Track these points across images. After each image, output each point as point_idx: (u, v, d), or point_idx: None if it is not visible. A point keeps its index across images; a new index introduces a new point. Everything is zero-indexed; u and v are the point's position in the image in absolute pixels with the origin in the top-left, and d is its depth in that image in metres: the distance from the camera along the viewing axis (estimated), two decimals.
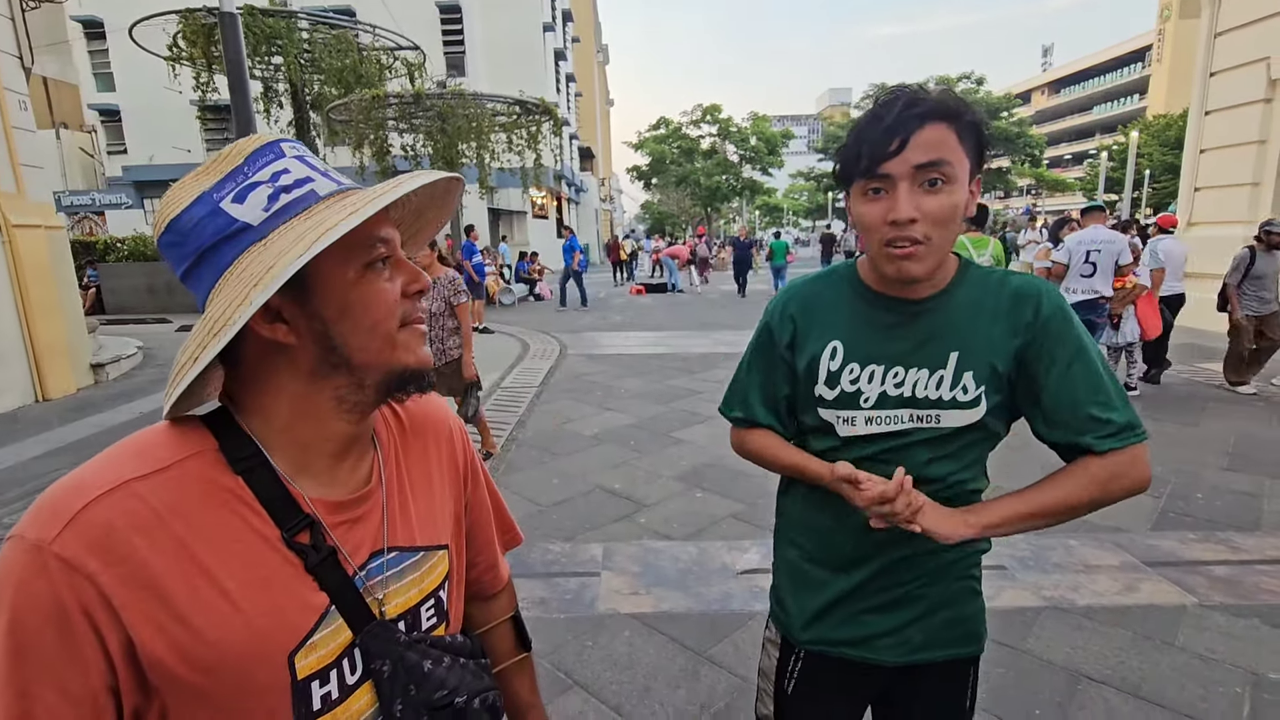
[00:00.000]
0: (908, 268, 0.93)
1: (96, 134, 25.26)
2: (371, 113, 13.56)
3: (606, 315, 13.12)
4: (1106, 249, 5.39)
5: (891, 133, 0.89)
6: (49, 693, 0.53)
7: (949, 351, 0.99)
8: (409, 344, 0.66)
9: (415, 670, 0.67)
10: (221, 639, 0.57)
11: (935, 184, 0.90)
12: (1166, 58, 45.63)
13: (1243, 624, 2.53)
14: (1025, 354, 0.98)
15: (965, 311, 1.00)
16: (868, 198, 0.94)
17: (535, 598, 2.82)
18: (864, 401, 1.02)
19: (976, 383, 0.99)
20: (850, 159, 0.94)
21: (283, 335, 0.61)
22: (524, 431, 5.29)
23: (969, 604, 1.09)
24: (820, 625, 1.11)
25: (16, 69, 6.93)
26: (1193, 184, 9.60)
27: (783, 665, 1.17)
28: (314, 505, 0.64)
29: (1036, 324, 0.98)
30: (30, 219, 6.60)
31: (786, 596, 1.16)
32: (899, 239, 0.91)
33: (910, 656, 1.08)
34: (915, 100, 0.90)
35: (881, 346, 1.02)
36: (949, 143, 0.90)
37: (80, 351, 7.20)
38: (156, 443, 0.61)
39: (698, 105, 41.77)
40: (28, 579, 0.53)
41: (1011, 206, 52.85)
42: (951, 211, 0.91)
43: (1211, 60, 9.27)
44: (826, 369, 1.04)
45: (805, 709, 1.15)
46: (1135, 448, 0.96)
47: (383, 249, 0.64)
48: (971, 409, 0.99)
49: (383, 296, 0.63)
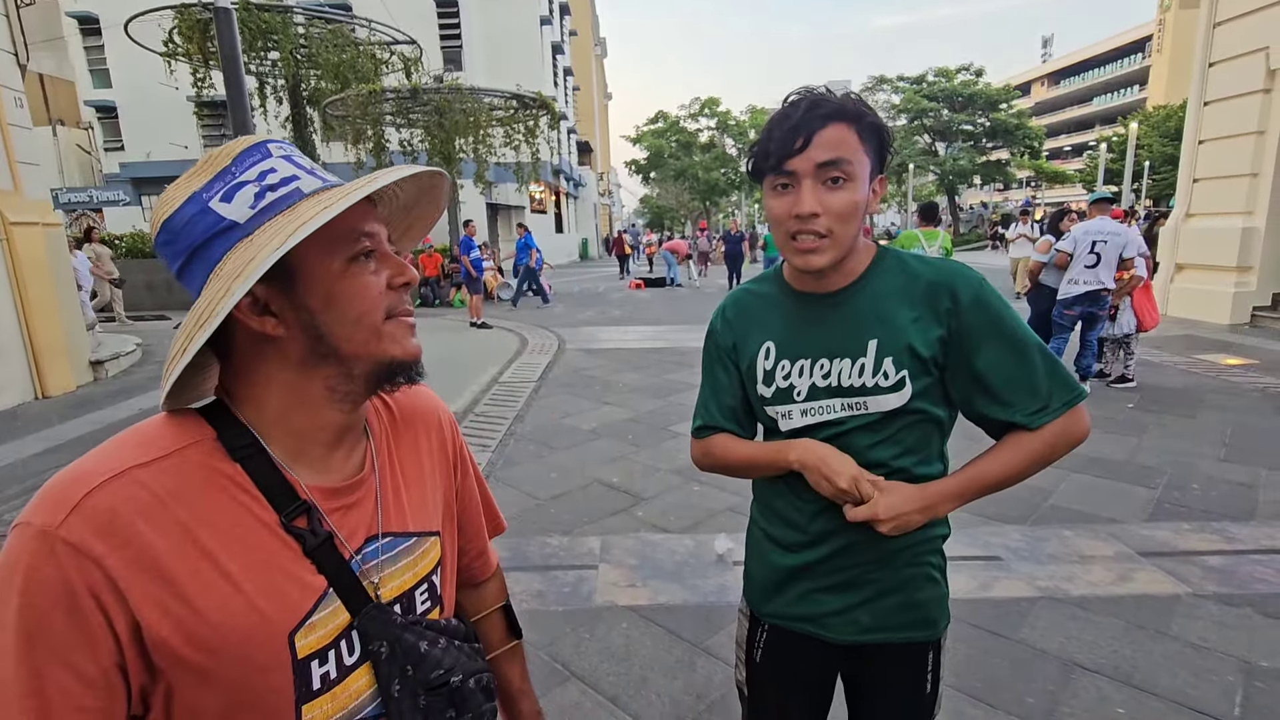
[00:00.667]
0: (811, 260, 0.98)
1: (93, 131, 25.20)
2: (368, 108, 13.53)
3: (605, 310, 13.12)
4: (1112, 240, 5.37)
5: (796, 131, 0.94)
6: (62, 674, 0.54)
7: (867, 339, 1.03)
8: (395, 335, 0.68)
9: (412, 651, 0.69)
10: (224, 620, 0.59)
11: (837, 181, 0.96)
12: (1166, 48, 45.50)
13: (1236, 613, 2.55)
14: (950, 341, 1.02)
15: (879, 299, 1.04)
16: (776, 192, 0.99)
17: (533, 590, 2.83)
18: (796, 395, 1.07)
19: (897, 367, 1.01)
20: (760, 155, 1.00)
21: (271, 328, 0.63)
22: (522, 425, 5.30)
23: (922, 590, 1.10)
24: (777, 600, 1.16)
25: (12, 65, 6.91)
26: (1191, 175, 9.58)
27: (750, 635, 1.23)
28: (310, 492, 0.67)
29: (956, 310, 1.01)
30: (28, 216, 6.59)
31: (751, 571, 1.23)
32: (802, 232, 0.97)
33: (859, 637, 1.11)
34: (819, 101, 0.96)
35: (807, 341, 1.07)
36: (850, 142, 0.95)
37: (79, 349, 7.20)
38: (156, 433, 0.63)
39: (696, 98, 41.76)
40: (36, 564, 0.54)
41: (1011, 199, 52.78)
42: (852, 207, 0.97)
43: (1210, 50, 9.24)
44: (762, 368, 1.10)
45: (771, 678, 1.21)
46: (1068, 414, 1.01)
47: (367, 242, 0.66)
48: (895, 393, 1.02)
49: (367, 289, 0.65)
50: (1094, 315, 5.57)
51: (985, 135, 35.64)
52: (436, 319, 11.71)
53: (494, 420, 5.45)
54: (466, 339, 9.72)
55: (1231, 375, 6.28)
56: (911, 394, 1.02)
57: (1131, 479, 3.86)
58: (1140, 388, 5.87)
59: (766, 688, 1.22)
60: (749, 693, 1.25)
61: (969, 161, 35.17)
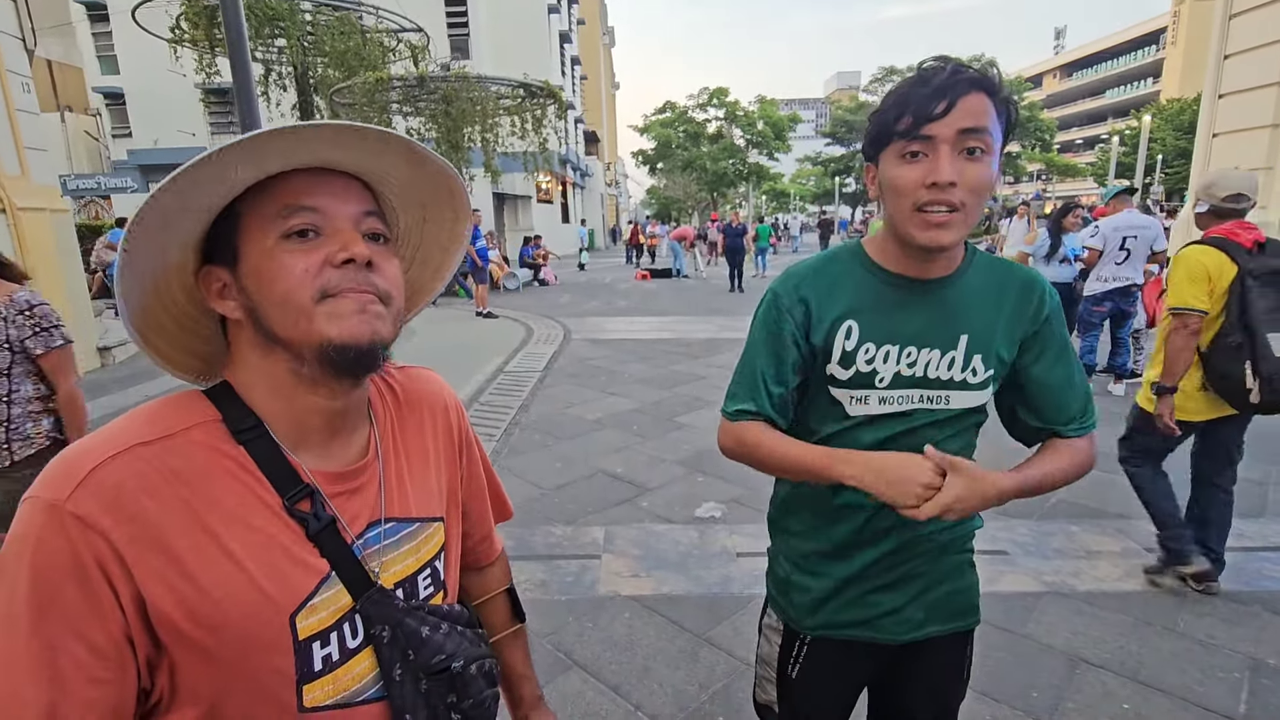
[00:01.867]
0: (939, 235, 0.91)
1: (101, 117, 25.21)
2: (375, 96, 13.48)
3: (611, 300, 13.10)
4: (1142, 235, 5.23)
5: (940, 94, 0.88)
6: (75, 645, 0.55)
7: (960, 333, 1.00)
8: (334, 313, 0.62)
9: (414, 636, 0.70)
10: (226, 597, 0.59)
11: (974, 153, 0.89)
12: (1181, 40, 44.93)
13: (1243, 610, 2.53)
14: (1025, 345, 1.03)
15: (976, 295, 1.01)
16: (905, 160, 0.91)
17: (536, 579, 2.83)
18: (879, 381, 1.02)
19: (985, 366, 1.01)
20: (890, 119, 0.92)
21: (230, 310, 0.64)
22: (527, 415, 5.31)
23: (965, 577, 1.13)
24: (826, 610, 1.11)
25: (19, 51, 6.91)
26: (1204, 168, 9.46)
27: (785, 651, 1.17)
28: (313, 476, 0.67)
29: (1041, 315, 1.02)
30: (35, 202, 6.60)
31: (790, 583, 1.15)
32: (936, 203, 0.90)
33: (913, 634, 1.10)
34: (961, 68, 0.91)
35: (895, 325, 1.01)
36: (990, 113, 0.90)
37: (87, 335, 7.23)
38: (162, 412, 0.63)
39: (704, 88, 41.39)
40: (45, 537, 0.55)
41: (1021, 192, 52.32)
42: (987, 182, 0.91)
43: (1226, 43, 9.11)
44: (841, 348, 1.02)
45: (810, 693, 1.16)
46: (1093, 434, 1.07)
47: (305, 218, 0.62)
48: (980, 391, 1.02)
49: (290, 267, 0.61)
50: (1123, 312, 5.42)
51: None
52: (442, 308, 11.71)
53: (499, 409, 5.45)
54: (472, 328, 9.73)
55: None
56: (991, 393, 1.04)
57: None
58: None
59: (804, 705, 1.17)
60: (780, 711, 1.20)
61: None
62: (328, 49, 13.44)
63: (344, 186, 0.66)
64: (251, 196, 0.63)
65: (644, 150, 43.91)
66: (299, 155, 0.62)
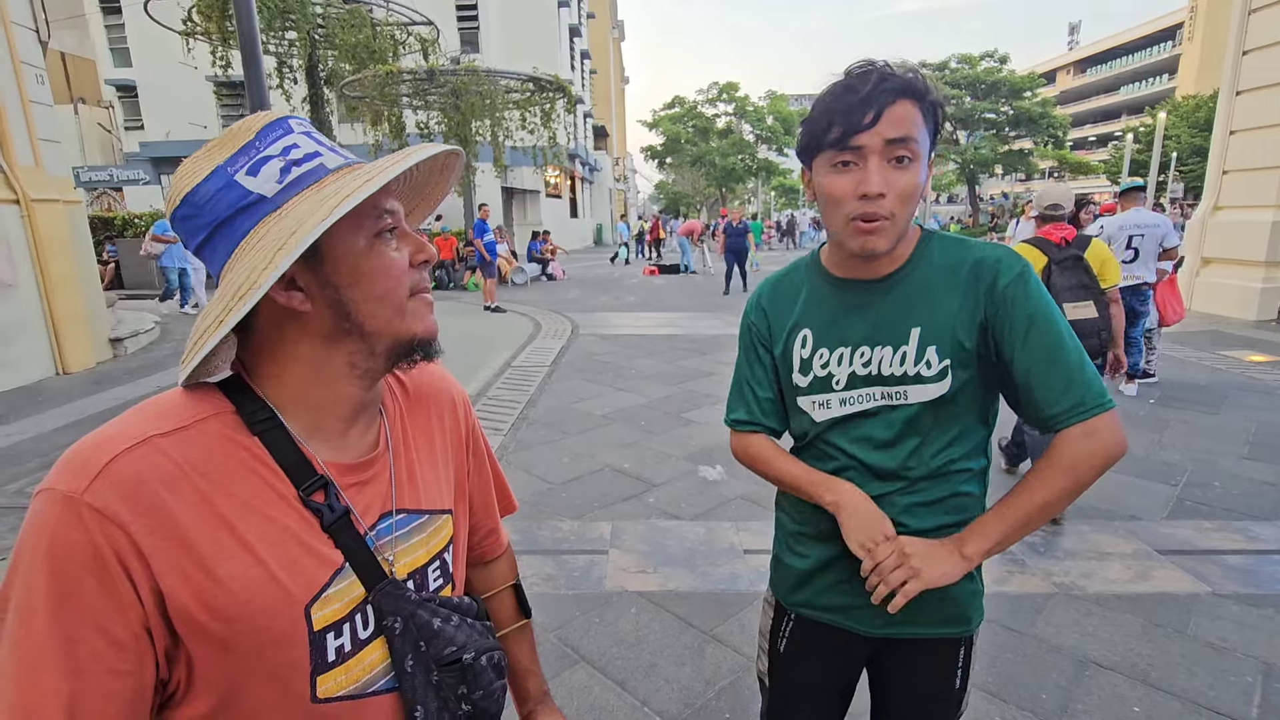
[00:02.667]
0: (872, 242, 0.94)
1: (114, 109, 25.36)
2: (385, 89, 13.52)
3: (619, 296, 13.09)
4: (1150, 233, 5.16)
5: (866, 105, 0.89)
6: (94, 637, 0.55)
7: (910, 327, 1.00)
8: (417, 312, 0.68)
9: (426, 628, 0.70)
10: (243, 588, 0.59)
11: (902, 160, 0.91)
12: (1198, 36, 44.38)
13: (1257, 614, 2.50)
14: (989, 326, 0.97)
15: (925, 286, 1.00)
16: (836, 170, 0.94)
17: (543, 574, 2.84)
18: (835, 384, 1.05)
19: (940, 356, 0.98)
20: (820, 129, 0.93)
21: (298, 303, 0.63)
22: (535, 410, 5.31)
23: (954, 586, 1.04)
24: (805, 590, 1.15)
25: (33, 43, 6.94)
26: (1221, 167, 9.34)
27: (776, 625, 1.21)
28: (326, 467, 0.67)
29: (995, 293, 0.96)
30: (49, 193, 6.65)
31: (779, 559, 1.21)
32: (867, 213, 0.92)
33: (888, 629, 1.09)
34: (887, 75, 0.91)
35: (847, 329, 1.04)
36: (916, 121, 0.91)
37: (99, 326, 7.28)
38: (176, 404, 0.63)
39: (714, 83, 41.25)
40: (63, 529, 0.54)
41: (1033, 189, 51.79)
42: (915, 190, 0.93)
43: (1245, 38, 8.98)
44: (799, 357, 1.07)
45: (796, 668, 1.19)
46: (1092, 421, 0.92)
47: (389, 219, 0.66)
48: (936, 383, 0.99)
49: (392, 265, 0.66)
50: (1135, 311, 5.34)
51: (1008, 124, 34.92)
52: (451, 302, 11.74)
53: (507, 404, 5.46)
54: (480, 322, 9.74)
55: (1257, 372, 6.15)
56: (953, 384, 0.98)
57: (1152, 475, 3.80)
58: (1162, 383, 5.76)
59: (789, 678, 1.20)
60: (770, 683, 1.23)
61: (990, 151, 34.53)
62: (338, 42, 13.48)
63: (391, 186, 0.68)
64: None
65: (653, 145, 43.83)
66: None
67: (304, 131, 0.66)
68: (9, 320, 6.16)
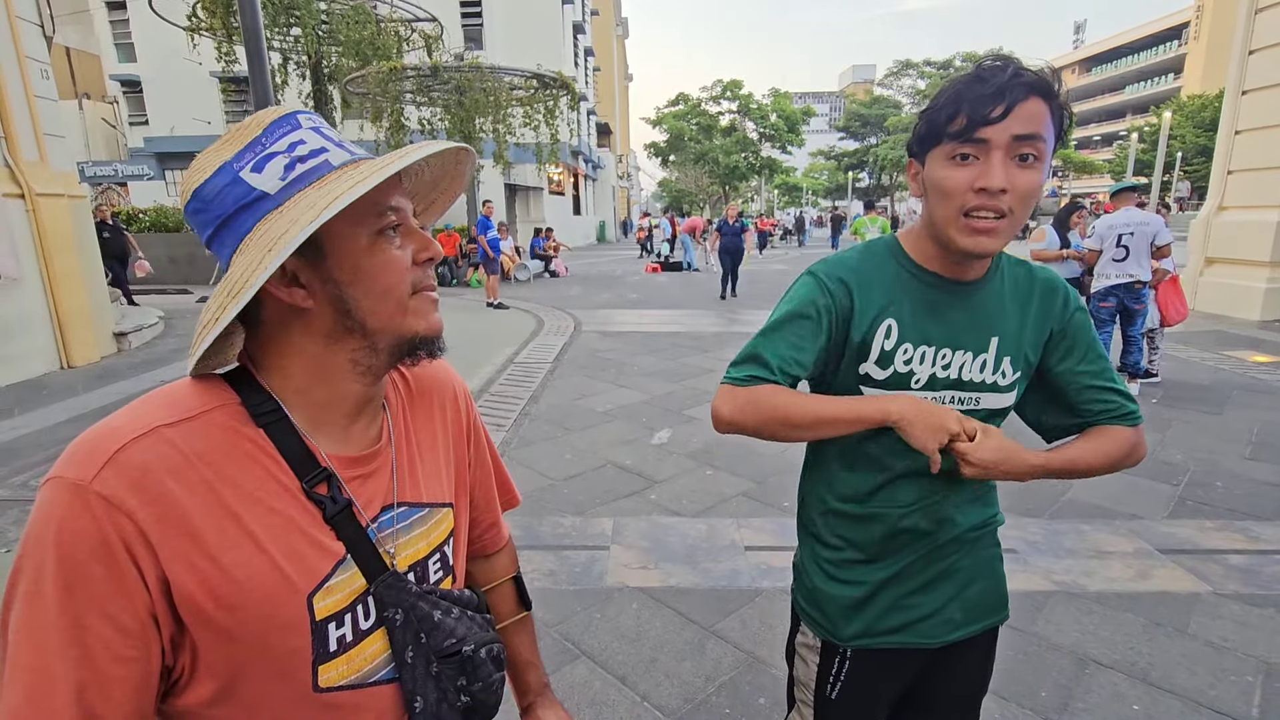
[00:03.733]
0: (984, 242, 0.90)
1: (118, 105, 25.41)
2: (388, 85, 13.51)
3: (622, 293, 13.09)
4: (1140, 231, 5.22)
5: (998, 97, 0.85)
6: (102, 624, 0.55)
7: (991, 335, 1.00)
8: (420, 310, 0.68)
9: (426, 620, 0.71)
10: (248, 577, 0.60)
11: (1027, 159, 0.87)
12: (1204, 35, 44.19)
13: (1258, 613, 2.50)
14: (1054, 343, 1.03)
15: (1005, 297, 1.02)
16: (954, 163, 0.89)
17: (545, 569, 2.85)
18: (914, 383, 0.99)
19: (1014, 368, 1.01)
20: (943, 119, 0.89)
21: (300, 299, 0.64)
22: (537, 406, 5.32)
23: (997, 573, 1.13)
24: (863, 618, 1.06)
25: (38, 37, 6.95)
26: (1226, 166, 9.30)
27: (824, 670, 1.10)
28: (329, 460, 0.68)
29: (1066, 315, 1.03)
30: (53, 188, 6.66)
31: (823, 595, 1.09)
32: (984, 208, 0.88)
33: (952, 635, 1.08)
34: (1021, 70, 0.87)
35: (932, 327, 0.99)
36: (1045, 120, 0.87)
37: (103, 320, 7.31)
38: (182, 395, 0.64)
39: (718, 81, 41.19)
40: (71, 517, 0.55)
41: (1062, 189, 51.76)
42: (1037, 190, 0.89)
43: (1251, 38, 8.94)
44: (880, 347, 0.99)
45: (851, 710, 1.09)
46: (1140, 429, 1.05)
47: (393, 217, 0.66)
48: (1008, 393, 1.02)
49: (394, 263, 0.66)
50: (1130, 310, 5.41)
51: None
52: (453, 299, 11.75)
53: (509, 400, 5.47)
54: (483, 319, 9.75)
55: (1260, 372, 6.14)
56: (1018, 395, 1.03)
57: (1153, 475, 3.80)
58: (1165, 383, 5.75)
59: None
60: None
61: None
62: (342, 38, 13.47)
63: (398, 183, 0.68)
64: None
65: (656, 142, 43.79)
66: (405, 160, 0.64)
67: (312, 127, 0.65)
68: (13, 314, 6.18)
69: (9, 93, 6.26)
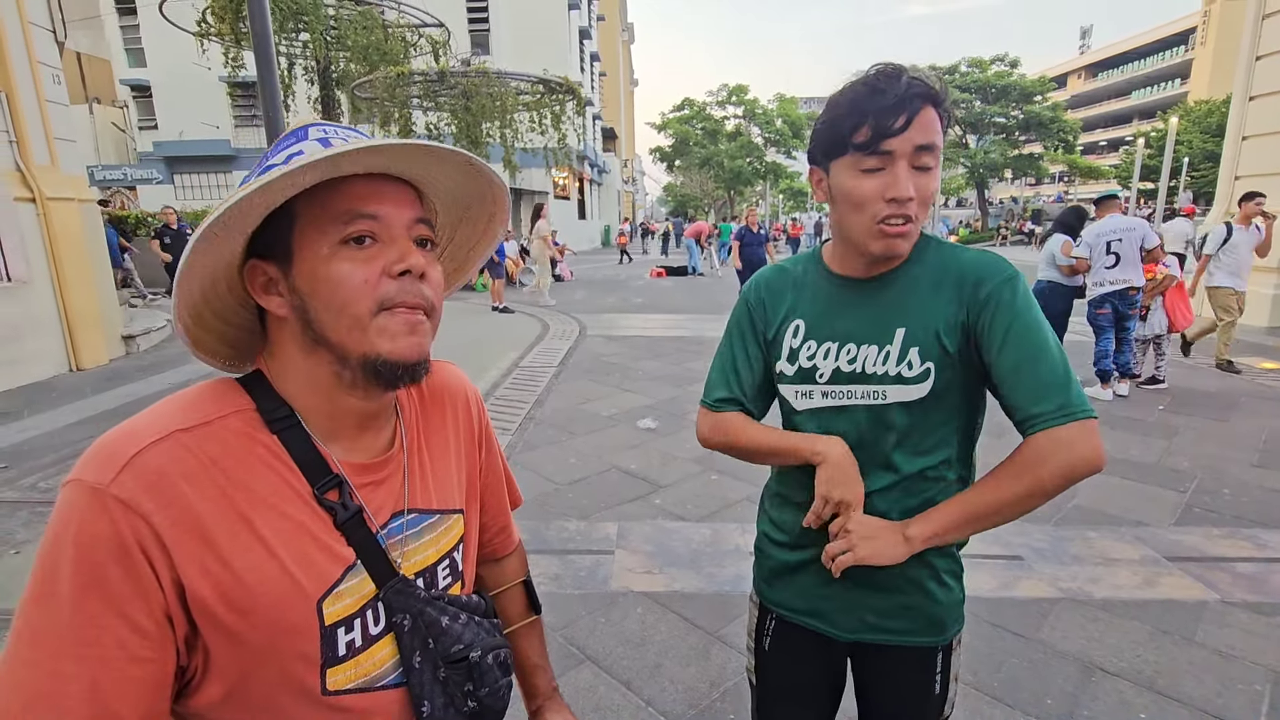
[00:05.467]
0: (898, 245, 0.96)
1: (128, 109, 25.59)
2: (396, 90, 13.57)
3: (626, 297, 13.11)
4: (1128, 236, 5.25)
5: (898, 109, 0.89)
6: (119, 625, 0.56)
7: (895, 327, 1.00)
8: (388, 330, 0.63)
9: (434, 625, 0.71)
10: (259, 581, 0.61)
11: (926, 167, 0.93)
12: (1211, 41, 44.06)
13: (1266, 622, 2.49)
14: (971, 329, 0.97)
15: (914, 287, 1.01)
16: (863, 173, 0.94)
17: (550, 573, 2.85)
18: (819, 377, 1.06)
19: (922, 358, 0.98)
20: (847, 129, 0.93)
21: (276, 306, 0.64)
22: (542, 410, 5.33)
23: (929, 594, 1.06)
24: (781, 592, 1.17)
25: (50, 42, 7.02)
26: (1233, 172, 9.28)
27: (759, 624, 1.22)
28: (341, 466, 0.68)
29: (978, 296, 0.96)
30: (64, 192, 6.72)
31: (760, 557, 1.23)
32: (895, 216, 0.93)
33: (862, 634, 1.09)
34: (915, 81, 0.91)
35: (837, 324, 1.05)
36: (938, 127, 0.93)
37: (112, 323, 7.35)
38: (200, 400, 0.65)
39: (723, 85, 41.22)
40: (89, 519, 0.56)
41: (1042, 194, 51.58)
42: (934, 194, 0.97)
43: (1259, 44, 8.92)
44: (789, 346, 1.09)
45: (779, 667, 1.20)
46: (1059, 430, 0.89)
47: (363, 225, 0.63)
48: (918, 384, 0.99)
49: (348, 276, 0.62)
50: (1124, 315, 5.45)
51: (1018, 128, 34.77)
52: (459, 303, 11.78)
53: (514, 404, 5.48)
54: (488, 323, 9.78)
55: (1268, 379, 6.11)
56: (933, 387, 0.98)
57: (1160, 482, 3.78)
58: (1171, 390, 5.73)
59: (773, 677, 1.21)
60: (756, 681, 1.24)
61: (1000, 155, 34.37)
62: (350, 43, 13.53)
63: (398, 192, 0.66)
64: (311, 195, 0.63)
65: (661, 147, 43.84)
66: (372, 161, 0.62)
67: (319, 138, 0.65)
68: (24, 317, 6.23)
69: (21, 97, 6.33)
